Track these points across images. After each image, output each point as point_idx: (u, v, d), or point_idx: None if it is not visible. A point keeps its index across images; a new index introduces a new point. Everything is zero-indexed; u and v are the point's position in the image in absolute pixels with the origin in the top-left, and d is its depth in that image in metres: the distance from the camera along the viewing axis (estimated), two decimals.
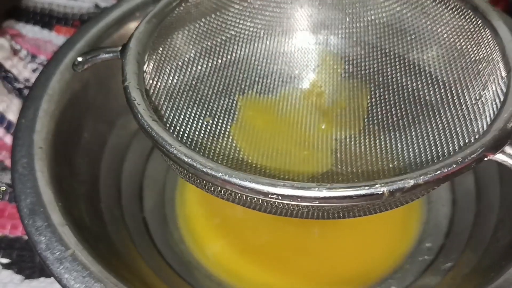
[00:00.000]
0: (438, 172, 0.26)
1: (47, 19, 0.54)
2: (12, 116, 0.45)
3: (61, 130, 0.38)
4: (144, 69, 0.32)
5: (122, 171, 0.43)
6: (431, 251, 0.40)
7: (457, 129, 0.31)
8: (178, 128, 0.33)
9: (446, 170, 0.26)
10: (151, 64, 0.33)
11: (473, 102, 0.32)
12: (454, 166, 0.26)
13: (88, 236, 0.33)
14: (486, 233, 0.38)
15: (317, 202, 0.26)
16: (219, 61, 0.38)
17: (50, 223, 0.32)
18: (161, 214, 0.43)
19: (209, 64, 0.37)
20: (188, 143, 0.33)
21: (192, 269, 0.40)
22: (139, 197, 0.43)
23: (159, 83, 0.34)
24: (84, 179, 0.39)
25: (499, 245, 0.36)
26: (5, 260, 0.39)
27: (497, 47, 0.32)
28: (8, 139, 0.44)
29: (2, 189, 0.41)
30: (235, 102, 0.37)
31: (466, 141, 0.30)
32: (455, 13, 0.34)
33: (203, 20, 0.37)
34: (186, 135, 0.33)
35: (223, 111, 0.36)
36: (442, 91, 0.34)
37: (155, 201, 0.43)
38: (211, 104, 0.36)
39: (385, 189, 0.25)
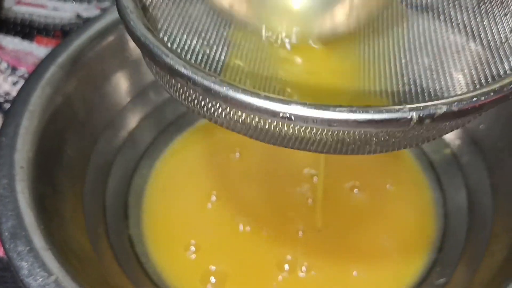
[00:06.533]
0: (474, 100, 0.23)
1: (28, 29, 0.53)
2: None
3: (43, 147, 0.36)
4: None
5: (107, 187, 0.41)
6: (425, 266, 0.39)
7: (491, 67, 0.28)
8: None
9: (483, 98, 0.23)
10: None
11: None
12: (492, 94, 0.24)
13: (72, 259, 0.32)
14: (480, 248, 0.37)
15: (336, 125, 0.22)
16: None
17: (32, 247, 0.31)
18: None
19: None
20: None
21: None
22: (124, 215, 0.42)
23: (155, 8, 0.30)
24: (67, 198, 0.37)
25: (494, 260, 0.35)
26: None
27: None
28: None
29: None
30: (234, 32, 0.32)
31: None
32: None
33: None
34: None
35: (222, 42, 0.31)
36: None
37: (141, 217, 0.42)
38: (209, 33, 0.31)
39: (414, 113, 0.22)
